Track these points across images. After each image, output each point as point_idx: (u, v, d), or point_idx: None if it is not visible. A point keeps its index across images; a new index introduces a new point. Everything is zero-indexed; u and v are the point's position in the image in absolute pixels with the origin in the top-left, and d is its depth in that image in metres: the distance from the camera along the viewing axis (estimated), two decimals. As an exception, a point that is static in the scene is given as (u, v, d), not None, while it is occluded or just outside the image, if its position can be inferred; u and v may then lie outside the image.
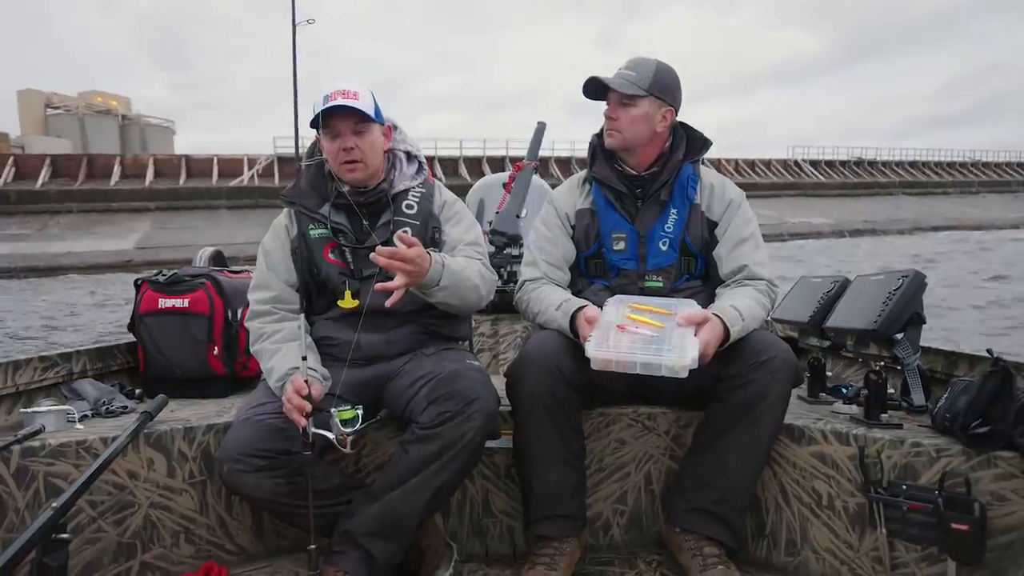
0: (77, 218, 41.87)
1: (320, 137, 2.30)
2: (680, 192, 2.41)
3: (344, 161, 2.25)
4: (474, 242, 2.42)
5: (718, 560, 2.16)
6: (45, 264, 33.09)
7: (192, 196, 45.74)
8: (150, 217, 43.01)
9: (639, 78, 2.34)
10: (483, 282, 2.30)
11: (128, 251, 35.52)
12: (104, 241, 37.61)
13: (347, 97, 2.20)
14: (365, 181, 2.31)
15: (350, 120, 2.24)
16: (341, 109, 2.20)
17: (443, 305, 2.23)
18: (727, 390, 2.19)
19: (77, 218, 41.87)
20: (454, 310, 2.30)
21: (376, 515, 2.05)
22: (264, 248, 2.40)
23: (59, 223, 40.92)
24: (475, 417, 2.03)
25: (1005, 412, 2.01)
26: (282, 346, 2.22)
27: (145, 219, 42.54)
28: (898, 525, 2.10)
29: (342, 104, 2.19)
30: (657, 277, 2.41)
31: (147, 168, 49.39)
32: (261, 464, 2.00)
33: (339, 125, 2.23)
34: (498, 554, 2.49)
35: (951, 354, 2.66)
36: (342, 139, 2.24)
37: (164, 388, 2.60)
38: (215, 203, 44.64)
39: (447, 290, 2.15)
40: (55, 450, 2.08)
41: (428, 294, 2.14)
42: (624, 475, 2.50)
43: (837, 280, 2.89)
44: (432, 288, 2.11)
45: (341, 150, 2.24)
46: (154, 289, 2.91)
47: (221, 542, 2.33)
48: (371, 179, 2.32)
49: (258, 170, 49.40)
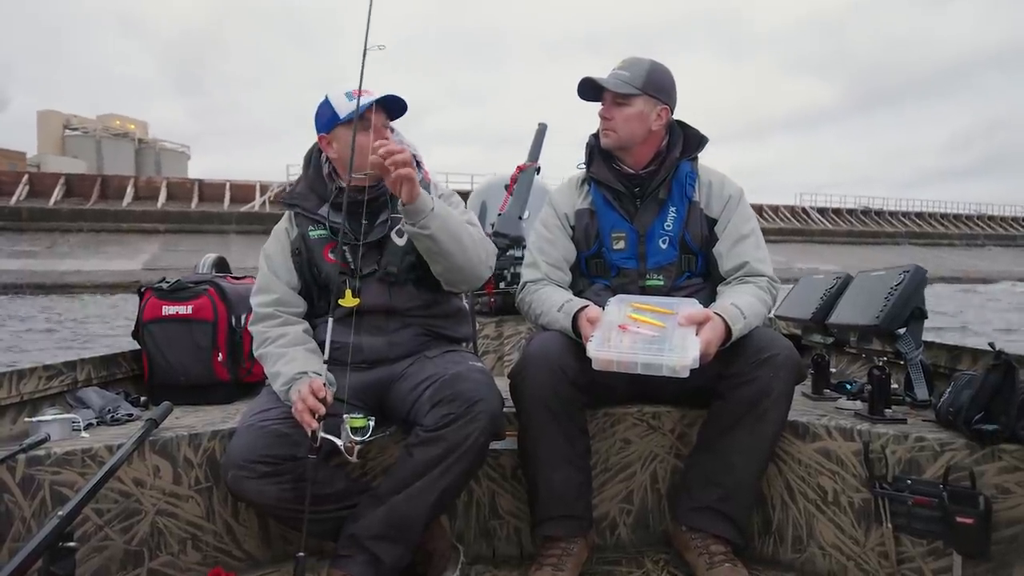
0: (87, 237, 42.11)
1: (333, 136, 2.28)
2: (679, 190, 2.41)
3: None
4: (470, 220, 2.39)
5: (725, 558, 2.16)
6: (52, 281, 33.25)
7: (203, 220, 46.07)
8: (160, 239, 43.23)
9: (632, 77, 2.35)
10: (479, 236, 2.30)
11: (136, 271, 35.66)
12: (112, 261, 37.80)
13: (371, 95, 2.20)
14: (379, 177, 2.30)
15: (382, 115, 2.26)
16: (381, 102, 2.21)
17: (441, 255, 2.18)
18: (730, 388, 2.19)
19: (87, 237, 42.11)
20: (454, 265, 2.22)
21: (382, 518, 2.05)
22: (266, 253, 2.41)
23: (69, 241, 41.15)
24: (479, 419, 2.03)
25: (1008, 405, 2.01)
26: (288, 350, 2.22)
27: (155, 240, 42.76)
28: (904, 520, 2.10)
29: (389, 95, 2.21)
30: (658, 276, 2.41)
31: (160, 190, 49.73)
32: (266, 470, 2.01)
33: (375, 119, 2.22)
34: (505, 555, 2.49)
35: (954, 348, 2.65)
36: (376, 132, 2.21)
37: (169, 395, 2.59)
38: (225, 227, 44.91)
39: (440, 221, 2.12)
40: (60, 459, 2.08)
41: (423, 225, 2.09)
42: (630, 474, 2.50)
43: (839, 277, 2.89)
44: (426, 215, 2.09)
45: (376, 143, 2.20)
46: (158, 296, 2.91)
47: (228, 548, 2.33)
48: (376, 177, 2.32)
49: (270, 197, 49.69)
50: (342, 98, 2.23)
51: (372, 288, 2.29)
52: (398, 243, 2.31)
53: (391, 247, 2.31)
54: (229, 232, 44.16)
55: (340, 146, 2.28)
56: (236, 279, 3.14)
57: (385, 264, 2.29)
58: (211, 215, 46.81)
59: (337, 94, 2.25)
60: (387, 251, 2.31)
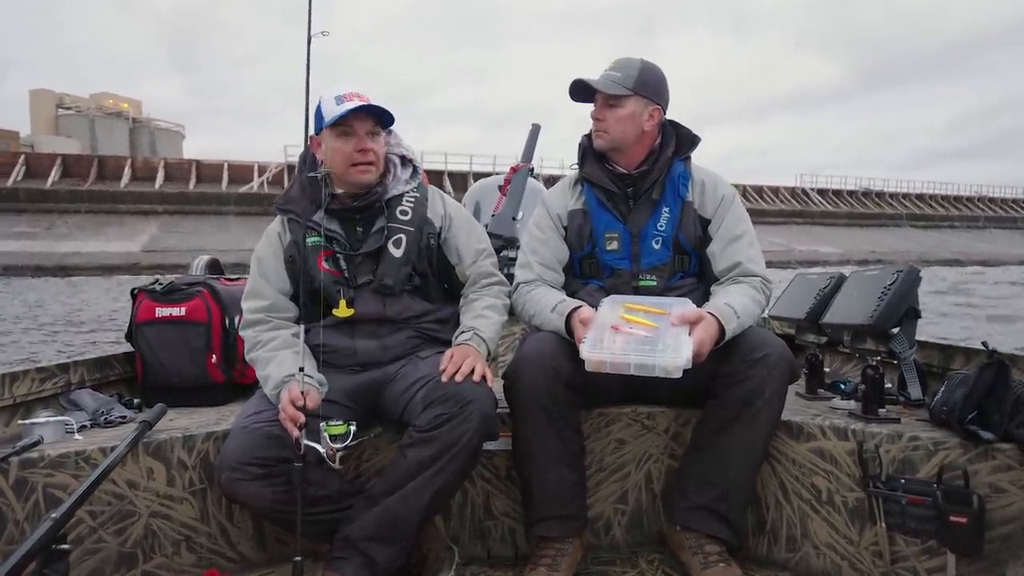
0: (85, 218, 42.05)
1: (321, 138, 2.28)
2: (672, 190, 2.41)
3: (359, 163, 2.24)
4: (485, 250, 2.47)
5: (719, 558, 2.16)
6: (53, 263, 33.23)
7: (201, 201, 45.92)
8: (158, 220, 43.16)
9: (624, 78, 2.35)
10: (505, 301, 2.47)
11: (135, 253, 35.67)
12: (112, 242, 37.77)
13: (363, 100, 2.20)
14: (370, 185, 2.30)
15: (367, 122, 2.24)
16: (363, 109, 2.20)
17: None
18: (724, 387, 2.20)
19: (85, 218, 42.05)
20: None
21: (376, 519, 2.05)
22: (257, 255, 2.39)
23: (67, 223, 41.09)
24: (472, 419, 2.03)
25: (1001, 404, 2.02)
26: (277, 353, 2.22)
27: (153, 222, 42.69)
28: (897, 519, 2.11)
29: (369, 104, 2.20)
30: (651, 276, 2.40)
31: (157, 171, 49.56)
32: (259, 472, 2.01)
33: (357, 126, 2.22)
34: (500, 556, 2.49)
35: (947, 347, 2.66)
36: (357, 140, 2.22)
37: (163, 397, 2.59)
38: (224, 209, 44.79)
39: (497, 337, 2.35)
40: (54, 461, 2.08)
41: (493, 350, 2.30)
42: (624, 475, 2.50)
43: (833, 276, 2.89)
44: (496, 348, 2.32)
45: (356, 151, 2.22)
46: (151, 298, 2.90)
47: (222, 550, 2.33)
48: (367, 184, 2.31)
49: (268, 177, 49.54)
50: (331, 101, 2.22)
51: (366, 298, 2.29)
52: (395, 254, 2.30)
53: (388, 258, 2.30)
54: (228, 213, 44.11)
55: (325, 149, 2.29)
56: (230, 280, 3.13)
57: (381, 276, 2.28)
58: (209, 196, 46.63)
59: (328, 97, 2.24)
60: (383, 262, 2.29)
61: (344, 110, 2.18)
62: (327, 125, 2.22)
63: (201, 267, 3.46)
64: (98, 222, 41.66)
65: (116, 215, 43.26)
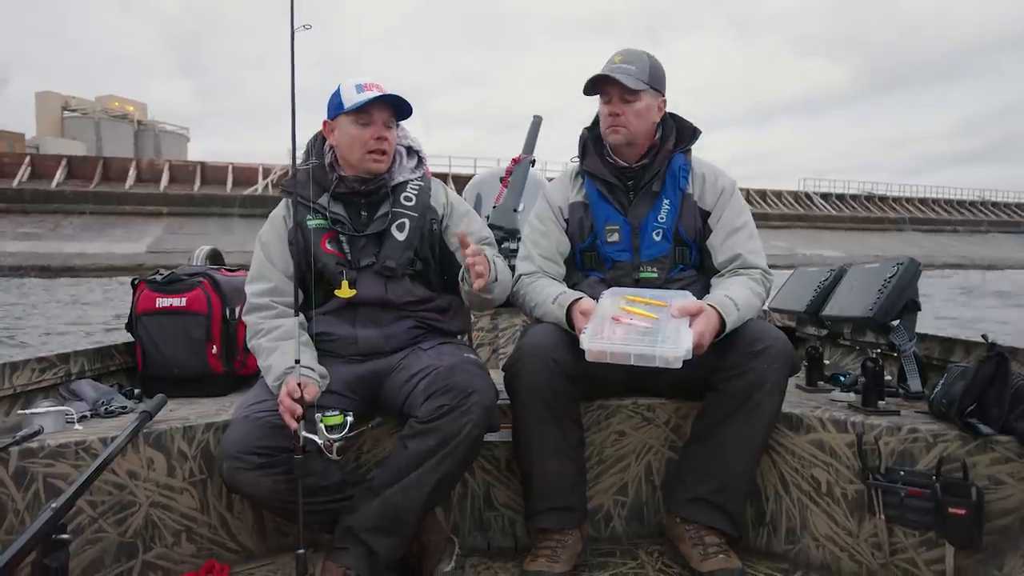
0: (90, 219, 42.01)
1: (336, 124, 2.31)
2: (672, 182, 2.40)
3: (375, 150, 2.28)
4: (487, 238, 2.48)
5: (719, 549, 2.17)
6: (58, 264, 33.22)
7: (206, 203, 45.83)
8: (163, 222, 43.10)
9: (639, 71, 2.34)
10: (508, 275, 2.41)
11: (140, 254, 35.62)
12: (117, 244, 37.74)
13: (382, 91, 2.24)
14: (380, 173, 2.33)
15: (386, 112, 2.28)
16: (384, 99, 2.24)
17: (484, 301, 2.34)
18: (724, 379, 2.20)
19: (90, 219, 42.01)
20: (486, 302, 2.36)
21: (377, 510, 2.05)
22: (261, 240, 2.40)
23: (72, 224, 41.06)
24: (473, 410, 2.03)
25: (1001, 396, 2.02)
26: (280, 344, 2.22)
27: (158, 224, 42.64)
28: (897, 511, 2.11)
29: (390, 95, 2.24)
30: (652, 268, 2.41)
31: (162, 173, 49.55)
32: (260, 462, 2.01)
33: (376, 115, 2.26)
34: (500, 547, 2.49)
35: (947, 340, 2.66)
36: (375, 128, 2.26)
37: (163, 387, 2.59)
38: (228, 211, 44.68)
39: (498, 283, 2.26)
40: (54, 451, 2.08)
41: (486, 288, 2.16)
42: (624, 466, 2.50)
43: (833, 269, 2.89)
44: (492, 283, 2.19)
45: (373, 139, 2.26)
46: (151, 288, 2.90)
47: (223, 541, 2.33)
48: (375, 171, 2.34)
49: (273, 179, 49.46)
50: (351, 89, 2.26)
51: (369, 280, 2.30)
52: (398, 238, 2.32)
53: (391, 241, 2.32)
54: (232, 215, 44.03)
55: (340, 135, 2.31)
56: (230, 271, 3.13)
57: (384, 258, 2.30)
58: (214, 198, 46.53)
59: (348, 84, 2.28)
60: (386, 245, 2.32)
61: (366, 98, 2.22)
62: (346, 111, 2.25)
63: (202, 257, 3.46)
64: (103, 223, 41.61)
65: (121, 216, 43.20)
